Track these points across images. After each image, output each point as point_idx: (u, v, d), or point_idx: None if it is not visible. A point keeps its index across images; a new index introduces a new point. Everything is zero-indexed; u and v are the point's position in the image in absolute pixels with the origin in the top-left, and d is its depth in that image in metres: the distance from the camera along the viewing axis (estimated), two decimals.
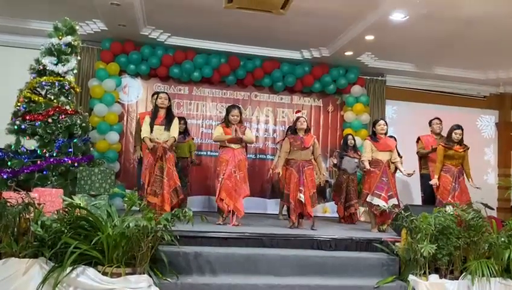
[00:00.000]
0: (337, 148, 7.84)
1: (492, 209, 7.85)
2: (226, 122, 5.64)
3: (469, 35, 6.70)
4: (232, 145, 5.53)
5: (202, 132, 8.00)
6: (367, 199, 5.67)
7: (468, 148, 6.00)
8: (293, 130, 5.89)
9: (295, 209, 5.47)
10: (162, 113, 5.35)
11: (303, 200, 5.39)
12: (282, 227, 5.57)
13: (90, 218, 3.84)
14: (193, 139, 7.21)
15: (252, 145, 8.10)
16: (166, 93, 5.60)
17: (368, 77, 8.53)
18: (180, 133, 6.42)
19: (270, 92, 8.31)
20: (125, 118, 7.75)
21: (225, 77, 7.85)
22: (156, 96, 5.68)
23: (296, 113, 6.47)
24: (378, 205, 5.50)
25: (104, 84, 7.33)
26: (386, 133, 5.92)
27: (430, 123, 6.56)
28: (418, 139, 6.53)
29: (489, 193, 8.50)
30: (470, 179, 5.90)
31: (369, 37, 6.81)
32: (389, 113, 8.78)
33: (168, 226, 3.75)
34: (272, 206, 7.83)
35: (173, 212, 3.85)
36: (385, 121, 5.99)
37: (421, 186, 6.35)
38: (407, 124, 8.14)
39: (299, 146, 5.58)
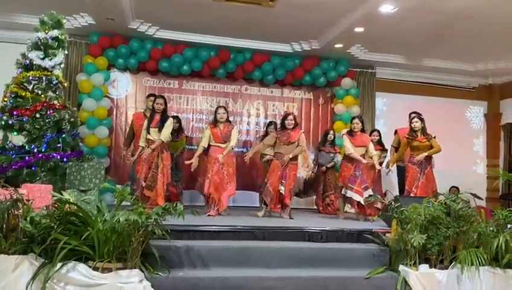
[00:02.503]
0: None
1: (481, 199, 7.95)
2: (214, 121, 6.02)
3: (458, 26, 6.73)
4: (220, 145, 5.91)
5: (193, 126, 7.97)
6: (342, 192, 6.06)
7: (432, 137, 6.11)
8: (281, 125, 6.08)
9: (273, 199, 5.76)
10: (157, 116, 5.70)
11: (283, 192, 5.68)
12: (273, 220, 5.63)
13: (80, 213, 3.81)
14: (187, 137, 7.25)
15: (243, 139, 8.17)
16: (163, 97, 5.94)
17: (358, 70, 8.54)
18: (174, 131, 6.64)
19: (261, 85, 8.29)
20: (114, 113, 7.68)
21: (215, 70, 7.81)
22: (152, 98, 5.97)
23: (285, 113, 6.60)
24: (351, 198, 5.92)
25: (92, 78, 7.25)
26: (362, 130, 6.21)
27: (409, 117, 6.69)
28: (396, 131, 6.81)
29: (478, 183, 8.60)
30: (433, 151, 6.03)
31: (359, 29, 6.81)
32: (379, 105, 8.81)
33: (158, 221, 3.74)
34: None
35: (164, 206, 3.84)
36: (360, 119, 6.29)
37: (397, 176, 6.75)
38: (397, 116, 8.16)
39: (285, 141, 5.84)
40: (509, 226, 4.67)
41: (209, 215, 5.80)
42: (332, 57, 8.08)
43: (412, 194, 5.83)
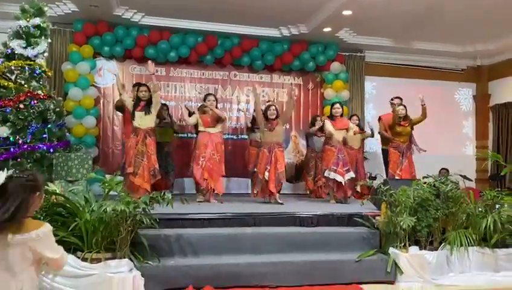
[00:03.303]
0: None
1: (471, 180, 8.07)
2: (202, 109, 6.08)
3: (447, 8, 6.69)
4: (209, 130, 5.92)
5: (181, 113, 7.87)
6: (325, 174, 6.23)
7: (411, 119, 6.60)
8: (264, 116, 6.10)
9: (262, 187, 5.90)
10: (143, 103, 5.69)
11: (267, 178, 5.78)
12: (263, 205, 5.66)
13: (67, 204, 3.77)
14: (174, 124, 7.29)
15: (233, 125, 8.12)
16: (146, 85, 5.89)
17: (347, 54, 8.48)
18: (164, 119, 6.74)
19: (250, 71, 8.21)
20: (101, 102, 7.57)
21: (203, 56, 7.70)
22: (137, 87, 5.93)
23: (267, 102, 6.75)
24: (334, 179, 6.12)
25: (78, 67, 7.12)
26: (341, 115, 6.47)
27: (391, 102, 7.08)
28: (379, 118, 7.05)
29: (467, 164, 8.66)
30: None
31: (347, 12, 6.74)
32: (368, 89, 8.78)
33: (147, 210, 3.71)
34: None
35: (152, 195, 3.80)
36: (341, 104, 6.60)
37: (383, 159, 6.97)
38: (387, 100, 8.11)
39: (270, 128, 5.97)
40: (497, 206, 4.71)
41: (200, 201, 5.85)
42: (320, 41, 8.01)
43: (396, 177, 6.13)
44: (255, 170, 6.07)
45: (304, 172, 7.56)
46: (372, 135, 7.36)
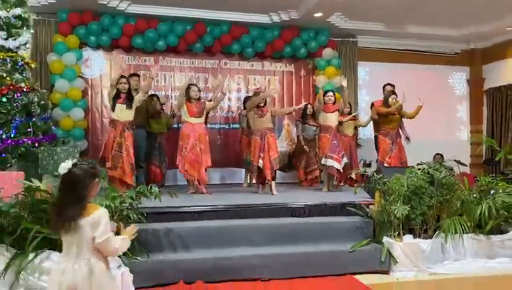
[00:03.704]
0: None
1: (465, 165, 8.03)
2: (188, 98, 5.90)
3: None
4: (192, 120, 5.82)
5: (172, 103, 7.73)
6: (321, 162, 6.19)
7: (401, 108, 6.47)
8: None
9: (258, 175, 5.90)
10: (123, 95, 5.62)
11: (261, 166, 5.74)
12: (255, 196, 5.60)
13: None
14: (173, 115, 7.17)
15: (224, 115, 8.00)
16: (125, 77, 5.88)
17: (339, 39, 8.34)
18: (157, 110, 6.69)
19: (240, 59, 8.05)
20: (89, 93, 7.42)
21: (192, 44, 7.54)
22: (117, 80, 5.83)
23: (255, 90, 6.58)
24: (332, 166, 6.08)
25: (63, 58, 6.94)
26: (334, 103, 6.38)
27: (383, 88, 7.02)
28: (372, 105, 6.99)
29: (462, 149, 8.63)
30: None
31: None
32: (361, 74, 8.67)
33: (133, 204, 3.61)
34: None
35: (138, 189, 3.71)
36: (333, 92, 6.50)
37: (375, 146, 6.95)
38: (380, 85, 8.01)
39: (259, 114, 5.90)
40: (492, 192, 4.66)
41: (192, 193, 5.82)
42: (312, 27, 7.86)
43: (385, 164, 6.10)
44: (249, 159, 6.02)
45: (293, 160, 7.51)
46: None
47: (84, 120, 7.11)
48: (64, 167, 2.27)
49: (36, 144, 4.93)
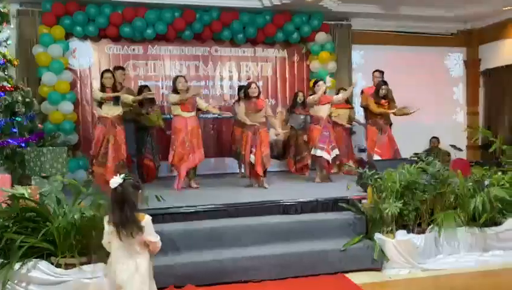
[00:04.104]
0: (305, 98, 7.65)
1: (461, 150, 7.97)
2: (175, 91, 5.75)
3: None
4: (184, 114, 5.66)
5: (163, 93, 7.59)
6: (312, 152, 6.15)
7: (393, 103, 6.40)
8: (244, 95, 5.94)
9: (250, 170, 5.80)
10: (108, 90, 5.49)
11: (253, 161, 5.66)
12: (246, 192, 5.49)
13: (37, 208, 3.59)
14: (163, 107, 7.11)
15: (217, 103, 7.86)
16: (110, 71, 5.74)
17: (333, 22, 8.13)
18: (147, 102, 6.54)
19: (231, 46, 7.85)
20: (78, 85, 7.25)
21: (181, 32, 7.33)
22: (101, 74, 5.75)
23: (248, 82, 6.35)
24: (321, 157, 6.03)
25: (49, 50, 6.75)
26: (325, 92, 6.23)
27: (372, 74, 6.83)
28: (362, 91, 6.83)
29: (458, 132, 8.53)
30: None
31: None
32: (356, 58, 8.49)
33: None
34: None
35: None
36: (324, 81, 6.32)
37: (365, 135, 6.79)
38: (375, 68, 7.86)
39: (253, 109, 5.76)
40: (486, 183, 4.61)
41: (182, 188, 5.75)
42: (304, 10, 7.64)
43: (373, 154, 6.10)
44: (240, 151, 5.95)
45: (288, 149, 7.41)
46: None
47: (73, 113, 6.97)
48: (115, 181, 2.69)
49: (22, 144, 4.82)
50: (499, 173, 4.66)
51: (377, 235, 4.13)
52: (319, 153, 6.07)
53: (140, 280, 2.71)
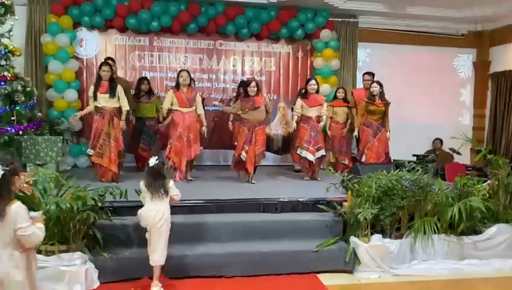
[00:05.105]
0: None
1: (460, 154, 7.88)
2: (177, 85, 5.79)
3: None
4: (183, 109, 5.72)
5: (166, 84, 7.73)
6: (297, 152, 6.22)
7: (389, 104, 6.37)
8: (243, 92, 5.97)
9: (239, 163, 5.89)
10: (105, 82, 5.54)
11: (244, 159, 5.72)
12: (230, 187, 5.58)
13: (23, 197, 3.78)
14: (159, 98, 7.09)
15: (219, 97, 7.97)
16: (108, 64, 5.74)
17: (339, 19, 8.08)
18: (144, 93, 6.76)
19: (236, 40, 7.93)
20: (84, 74, 7.46)
21: (186, 25, 7.44)
22: (99, 66, 5.78)
23: (247, 80, 6.39)
24: (305, 157, 6.12)
25: (57, 39, 6.96)
26: (317, 91, 6.30)
27: (362, 77, 6.91)
28: (352, 93, 6.91)
29: (463, 134, 8.38)
30: (389, 132, 6.37)
31: None
32: (361, 56, 8.43)
33: (96, 204, 3.71)
34: None
35: (104, 188, 3.80)
36: (316, 80, 6.37)
37: (358, 136, 6.75)
38: (381, 67, 7.84)
39: (250, 107, 5.74)
40: (484, 184, 4.63)
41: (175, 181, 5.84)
42: (310, 7, 7.64)
43: (364, 155, 6.19)
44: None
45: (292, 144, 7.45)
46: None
47: (78, 101, 7.19)
48: (153, 161, 3.64)
49: (20, 132, 5.04)
50: (483, 183, 4.64)
51: (352, 239, 4.20)
52: (303, 153, 6.15)
53: (166, 223, 3.63)
